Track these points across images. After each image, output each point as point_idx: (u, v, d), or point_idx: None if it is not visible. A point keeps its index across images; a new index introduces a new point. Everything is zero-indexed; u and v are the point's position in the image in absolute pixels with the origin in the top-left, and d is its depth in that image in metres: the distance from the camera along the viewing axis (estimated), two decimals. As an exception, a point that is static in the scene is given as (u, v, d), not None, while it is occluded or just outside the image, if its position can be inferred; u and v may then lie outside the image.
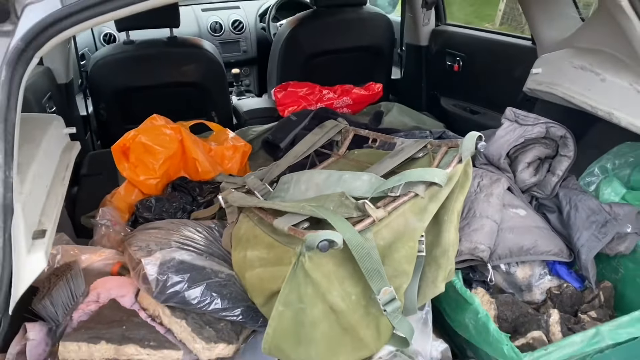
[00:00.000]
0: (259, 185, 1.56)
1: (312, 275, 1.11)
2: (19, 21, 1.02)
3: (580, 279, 1.51)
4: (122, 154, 2.02)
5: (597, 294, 1.44)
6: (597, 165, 1.66)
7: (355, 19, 2.88)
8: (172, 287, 1.25)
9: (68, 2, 1.02)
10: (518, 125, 1.53)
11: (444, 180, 1.19)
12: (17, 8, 1.03)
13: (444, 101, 2.86)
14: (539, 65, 1.80)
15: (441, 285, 1.22)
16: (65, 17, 1.01)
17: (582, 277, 1.51)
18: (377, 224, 1.16)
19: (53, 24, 1.01)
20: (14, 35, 1.02)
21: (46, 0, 1.02)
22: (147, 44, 2.65)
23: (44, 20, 1.00)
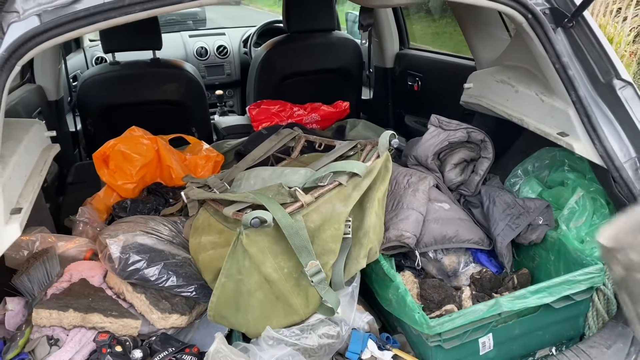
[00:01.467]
0: (218, 184, 1.77)
1: (249, 250, 1.31)
2: (4, 36, 1.25)
3: (498, 265, 1.70)
4: (102, 161, 2.23)
5: (512, 278, 1.64)
6: (521, 168, 1.87)
7: (325, 43, 3.12)
8: (133, 265, 1.45)
9: (45, 20, 1.24)
10: (442, 130, 1.74)
11: (363, 171, 1.40)
12: (4, 25, 1.26)
13: (407, 118, 3.08)
14: (470, 81, 2.03)
15: (362, 261, 1.42)
16: (42, 32, 1.23)
17: (501, 264, 1.70)
18: (306, 207, 1.36)
19: (32, 38, 1.22)
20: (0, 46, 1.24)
21: (27, 20, 1.25)
22: (132, 64, 2.89)
23: (25, 35, 1.22)
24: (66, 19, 1.23)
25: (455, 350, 1.38)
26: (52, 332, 1.37)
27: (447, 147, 1.77)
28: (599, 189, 1.59)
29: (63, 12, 1.25)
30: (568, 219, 1.60)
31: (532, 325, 1.46)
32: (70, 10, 1.25)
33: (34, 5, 1.26)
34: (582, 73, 1.51)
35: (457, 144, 1.78)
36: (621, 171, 1.41)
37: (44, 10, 1.26)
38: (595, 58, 1.49)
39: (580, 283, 1.43)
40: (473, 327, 1.36)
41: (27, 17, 1.25)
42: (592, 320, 1.54)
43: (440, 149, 1.79)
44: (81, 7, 1.25)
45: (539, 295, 1.40)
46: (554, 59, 1.52)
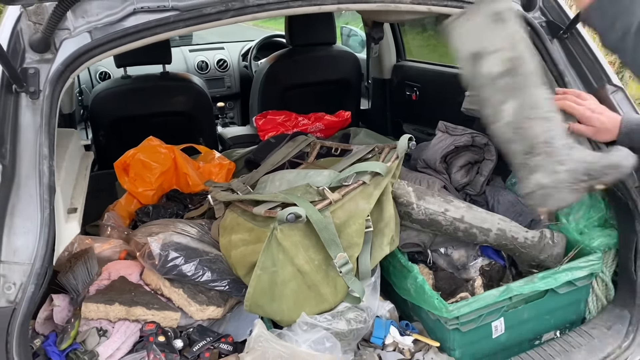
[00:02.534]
0: (241, 187, 1.89)
1: (283, 243, 1.44)
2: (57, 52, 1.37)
3: (503, 258, 1.84)
4: (122, 170, 2.34)
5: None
6: (521, 169, 2.01)
7: (326, 56, 3.27)
8: (172, 262, 1.56)
9: (95, 37, 1.36)
10: (449, 135, 1.89)
11: (385, 171, 1.54)
12: (56, 42, 1.38)
13: (405, 127, 3.23)
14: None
15: (386, 248, 1.55)
16: (94, 47, 1.35)
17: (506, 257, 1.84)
18: (333, 205, 1.49)
19: (85, 53, 1.34)
20: (54, 61, 1.35)
21: (79, 36, 1.37)
22: (143, 78, 3.01)
23: (79, 50, 1.34)
24: (116, 35, 1.36)
25: (471, 333, 1.51)
26: (99, 324, 1.48)
27: (454, 150, 1.91)
28: (595, 186, 1.74)
29: (112, 30, 1.37)
30: (567, 213, 1.74)
31: (539, 309, 1.60)
32: (118, 28, 1.37)
33: (83, 23, 1.38)
34: (577, 79, 1.66)
35: (462, 148, 1.93)
36: (615, 167, 1.56)
37: (94, 28, 1.38)
38: (588, 66, 1.65)
39: (582, 269, 1.57)
40: (487, 311, 1.50)
41: (78, 34, 1.37)
42: (592, 305, 1.69)
43: (447, 153, 1.94)
44: (129, 24, 1.37)
45: (545, 281, 1.54)
46: (552, 67, 1.67)
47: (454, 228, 1.61)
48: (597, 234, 1.71)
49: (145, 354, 1.42)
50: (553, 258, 1.61)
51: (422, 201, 1.61)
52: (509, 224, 1.60)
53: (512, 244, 1.61)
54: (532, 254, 1.63)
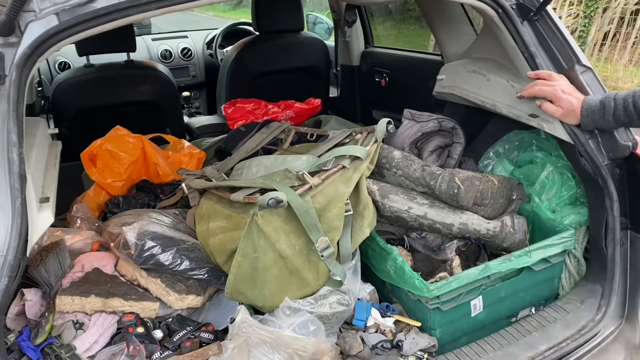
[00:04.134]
0: (215, 174, 1.86)
1: (264, 229, 1.42)
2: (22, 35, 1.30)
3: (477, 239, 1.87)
4: (90, 160, 2.27)
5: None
6: (492, 150, 2.05)
7: (294, 43, 3.24)
8: (149, 251, 1.53)
9: (63, 19, 1.31)
10: (415, 123, 1.91)
11: (364, 155, 1.54)
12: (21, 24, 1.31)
13: (375, 113, 3.24)
14: (443, 72, 2.20)
15: (366, 231, 1.55)
16: (62, 30, 1.29)
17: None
18: (313, 189, 1.48)
19: (53, 36, 1.29)
20: (20, 45, 1.29)
21: (45, 19, 1.31)
22: (107, 67, 2.92)
23: (46, 32, 1.28)
24: (85, 17, 1.30)
25: (451, 312, 1.53)
26: (75, 317, 1.43)
27: (422, 136, 1.93)
28: (565, 164, 1.78)
29: (81, 11, 1.32)
30: (539, 192, 1.78)
31: (515, 287, 1.64)
32: (88, 9, 1.32)
33: (50, 4, 1.32)
34: (547, 61, 1.69)
35: (430, 134, 1.95)
36: (586, 146, 1.60)
37: (61, 9, 1.32)
38: (558, 47, 1.68)
39: (556, 247, 1.61)
40: (466, 290, 1.52)
41: (44, 16, 1.31)
42: (566, 281, 1.73)
43: (415, 139, 1.95)
44: (98, 5, 1.32)
45: (521, 259, 1.57)
46: (523, 48, 1.70)
47: (419, 224, 1.63)
48: (569, 211, 1.75)
49: (124, 345, 1.38)
50: (516, 245, 1.65)
51: (386, 199, 1.62)
52: (470, 217, 1.63)
53: (475, 235, 1.64)
54: (495, 242, 1.67)
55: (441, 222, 1.62)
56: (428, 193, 1.69)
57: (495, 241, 1.65)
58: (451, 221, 1.61)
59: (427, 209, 1.62)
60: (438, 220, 1.61)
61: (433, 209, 1.62)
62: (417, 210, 1.62)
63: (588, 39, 7.58)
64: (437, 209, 1.62)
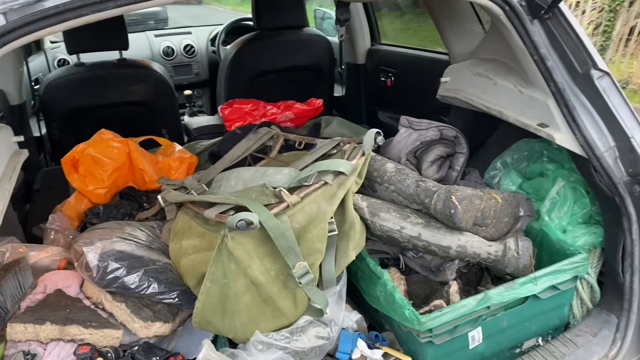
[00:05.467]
0: (195, 185, 1.72)
1: (234, 252, 1.27)
2: (-33, 37, 1.18)
3: (482, 258, 1.70)
4: (71, 166, 2.15)
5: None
6: (500, 160, 1.87)
7: (295, 40, 3.08)
8: (112, 273, 1.39)
9: (11, 19, 1.18)
10: (413, 131, 1.74)
11: (349, 170, 1.38)
12: (-35, 25, 1.19)
13: (380, 114, 3.07)
14: (447, 75, 2.03)
15: (352, 254, 1.40)
16: (9, 31, 1.16)
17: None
18: (291, 208, 1.33)
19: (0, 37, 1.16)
20: (-36, 48, 1.17)
21: (-8, 18, 1.18)
22: (98, 65, 2.79)
23: (-10, 34, 1.15)
24: (34, 17, 1.17)
25: (445, 346, 1.38)
26: (28, 346, 1.31)
27: (422, 145, 1.77)
28: (579, 179, 1.61)
29: (30, 11, 1.19)
30: (550, 210, 1.61)
31: (520, 316, 1.47)
32: (37, 9, 1.18)
33: (-3, 4, 1.19)
34: (560, 64, 1.52)
35: (431, 143, 1.78)
36: (601, 160, 1.42)
37: (9, 9, 1.19)
38: (572, 49, 1.50)
39: (566, 272, 1.44)
40: (463, 322, 1.36)
41: (-10, 17, 1.18)
42: (577, 309, 1.56)
43: (414, 149, 1.79)
44: (49, 4, 1.19)
45: (526, 287, 1.40)
46: (532, 50, 1.52)
47: (413, 245, 1.48)
48: (582, 231, 1.58)
49: (80, 379, 1.25)
50: (520, 271, 1.48)
51: (376, 218, 1.47)
52: (470, 239, 1.46)
53: (474, 259, 1.48)
54: (497, 268, 1.50)
55: (437, 244, 1.45)
56: (423, 211, 1.53)
57: (497, 266, 1.48)
58: (448, 243, 1.45)
59: (421, 229, 1.46)
60: (434, 242, 1.45)
61: (428, 230, 1.46)
62: (411, 230, 1.46)
63: (613, 33, 7.26)
64: (432, 230, 1.46)
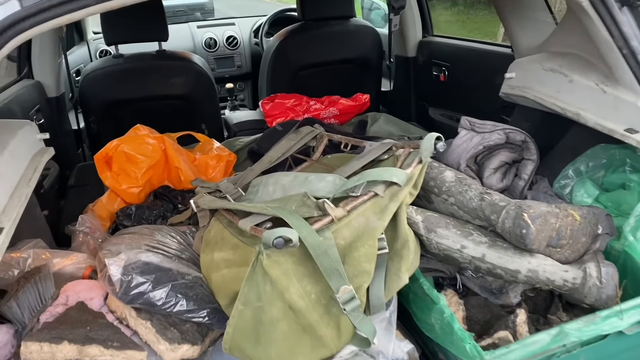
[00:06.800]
0: (231, 189, 1.57)
1: (270, 272, 1.12)
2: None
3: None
4: (104, 163, 2.04)
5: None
6: (572, 168, 1.65)
7: (342, 31, 2.91)
8: (137, 288, 1.26)
9: (26, 4, 1.05)
10: (475, 134, 1.54)
11: (404, 180, 1.20)
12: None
13: (431, 111, 2.87)
14: (512, 70, 1.81)
15: (404, 277, 1.22)
16: (24, 18, 1.03)
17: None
18: (336, 223, 1.16)
19: (12, 26, 1.03)
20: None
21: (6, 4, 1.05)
22: (136, 57, 2.70)
23: (4, 21, 1.03)
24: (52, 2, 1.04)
25: (511, 387, 1.18)
26: (44, 367, 1.19)
27: (484, 150, 1.56)
28: (671, 193, 1.38)
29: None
30: (635, 228, 1.38)
31: (600, 354, 1.26)
32: (54, -6, 1.05)
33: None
34: (655, 59, 1.29)
35: (495, 147, 1.57)
36: None
37: (24, -7, 1.06)
38: (671, 41, 1.28)
39: (658, 305, 1.22)
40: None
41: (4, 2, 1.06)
42: (668, 347, 1.33)
43: (475, 154, 1.59)
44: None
45: (610, 321, 1.19)
46: (621, 43, 1.30)
47: (475, 267, 1.28)
48: (675, 255, 1.35)
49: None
50: (602, 302, 1.26)
51: (432, 234, 1.28)
52: (542, 262, 1.25)
53: (547, 286, 1.27)
54: (574, 297, 1.29)
55: (503, 267, 1.26)
56: (487, 227, 1.33)
57: (575, 295, 1.27)
58: (517, 267, 1.25)
59: (485, 250, 1.27)
60: (500, 264, 1.26)
61: (494, 250, 1.27)
62: (473, 250, 1.27)
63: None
64: (498, 250, 1.27)
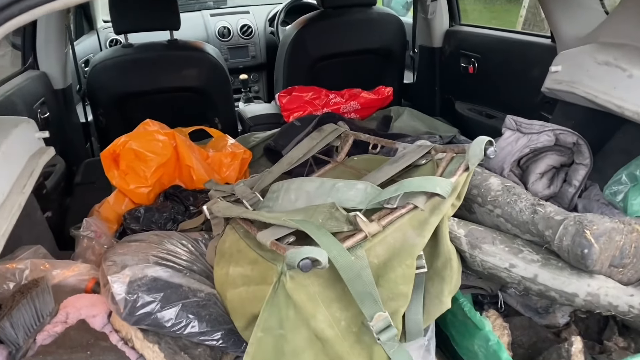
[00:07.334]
0: (248, 194, 1.43)
1: (294, 297, 0.98)
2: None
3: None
4: (112, 161, 1.91)
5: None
6: (625, 172, 1.48)
7: (364, 19, 2.74)
8: (143, 308, 1.13)
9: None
10: (521, 135, 1.38)
11: (448, 191, 1.04)
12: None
13: (458, 105, 2.70)
14: (558, 63, 1.64)
15: (447, 300, 1.08)
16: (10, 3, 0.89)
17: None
18: (370, 239, 1.02)
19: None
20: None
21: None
22: (146, 47, 2.55)
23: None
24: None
25: None
26: (39, 398, 1.06)
27: (527, 154, 1.40)
28: None
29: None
30: None
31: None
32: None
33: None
34: None
35: (542, 149, 1.41)
36: None
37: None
38: None
39: None
40: (595, 399, 1.02)
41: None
42: None
43: (520, 157, 1.43)
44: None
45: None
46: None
47: (524, 287, 1.13)
48: None
49: None
50: None
51: (477, 251, 1.13)
52: (604, 284, 1.09)
53: (608, 311, 1.11)
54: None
55: (558, 289, 1.10)
56: (538, 242, 1.17)
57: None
58: (574, 290, 1.09)
59: (538, 269, 1.11)
60: (554, 287, 1.10)
61: (547, 270, 1.11)
62: (524, 270, 1.12)
63: None
64: (553, 270, 1.11)
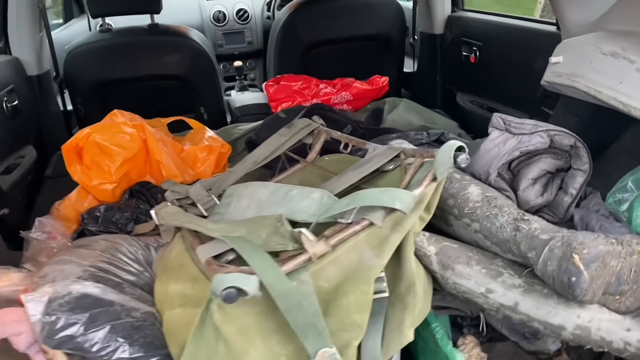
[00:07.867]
0: (203, 197, 1.28)
1: (223, 329, 0.83)
2: None
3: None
4: (75, 154, 1.78)
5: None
6: (632, 178, 1.31)
7: (360, 3, 2.57)
8: (64, 330, 0.99)
9: None
10: (510, 136, 1.20)
11: (410, 206, 0.88)
12: None
13: (459, 97, 2.52)
14: (559, 53, 1.45)
15: (409, 332, 0.92)
16: None
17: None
18: (317, 262, 0.86)
19: None
20: None
21: None
22: (125, 32, 2.41)
23: None
24: None
25: None
26: None
27: (520, 155, 1.23)
28: None
29: None
30: None
31: None
32: None
33: None
34: None
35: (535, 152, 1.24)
36: None
37: None
38: None
39: None
40: None
41: None
42: None
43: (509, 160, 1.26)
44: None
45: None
46: None
47: (504, 316, 0.97)
48: None
49: None
50: None
51: (449, 272, 0.97)
52: (596, 316, 0.92)
53: (600, 348, 0.94)
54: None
55: (542, 320, 0.94)
56: (522, 263, 1.01)
57: (640, 362, 0.95)
58: (561, 321, 0.93)
59: (519, 296, 0.95)
60: (537, 317, 0.94)
61: (530, 297, 0.95)
62: (502, 296, 0.96)
63: None
64: (537, 298, 0.95)
